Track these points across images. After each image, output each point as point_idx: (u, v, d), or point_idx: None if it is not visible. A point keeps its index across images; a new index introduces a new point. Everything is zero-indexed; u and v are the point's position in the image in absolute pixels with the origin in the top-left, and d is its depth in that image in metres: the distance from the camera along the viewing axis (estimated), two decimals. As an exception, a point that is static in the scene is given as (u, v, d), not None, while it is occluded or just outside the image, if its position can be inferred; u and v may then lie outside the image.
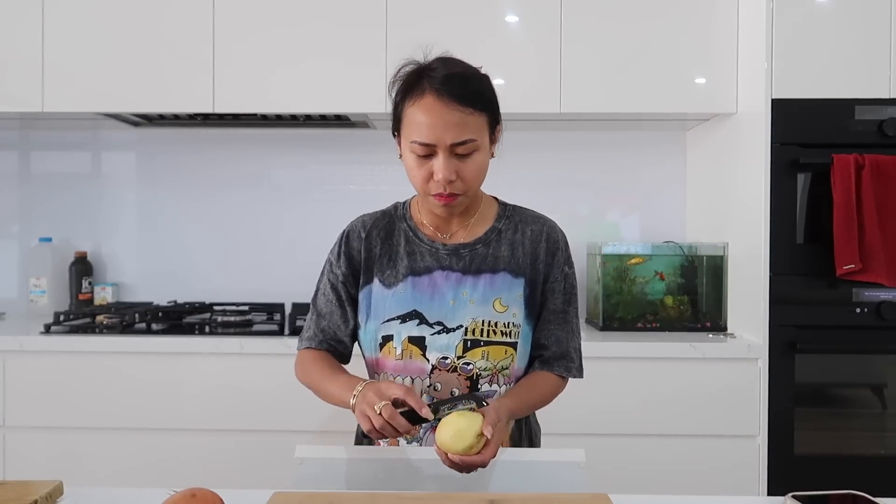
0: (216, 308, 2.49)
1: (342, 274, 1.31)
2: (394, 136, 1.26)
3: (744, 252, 2.23)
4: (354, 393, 1.15)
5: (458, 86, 1.16)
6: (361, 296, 1.30)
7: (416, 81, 1.19)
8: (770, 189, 2.08)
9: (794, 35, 2.08)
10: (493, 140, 1.25)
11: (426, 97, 1.16)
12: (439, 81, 1.16)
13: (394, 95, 1.23)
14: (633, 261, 2.39)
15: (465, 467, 1.05)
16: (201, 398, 2.12)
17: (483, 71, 1.26)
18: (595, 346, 2.12)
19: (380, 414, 1.06)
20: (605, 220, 2.76)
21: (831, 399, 2.17)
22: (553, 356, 1.30)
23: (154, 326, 2.29)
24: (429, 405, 1.08)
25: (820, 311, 2.08)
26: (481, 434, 1.03)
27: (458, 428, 1.03)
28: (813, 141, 2.08)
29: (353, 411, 1.14)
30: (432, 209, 1.26)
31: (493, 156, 1.26)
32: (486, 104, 1.20)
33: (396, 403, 1.08)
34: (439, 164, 1.17)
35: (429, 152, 1.18)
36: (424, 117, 1.16)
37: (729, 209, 2.36)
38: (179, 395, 2.13)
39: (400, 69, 1.23)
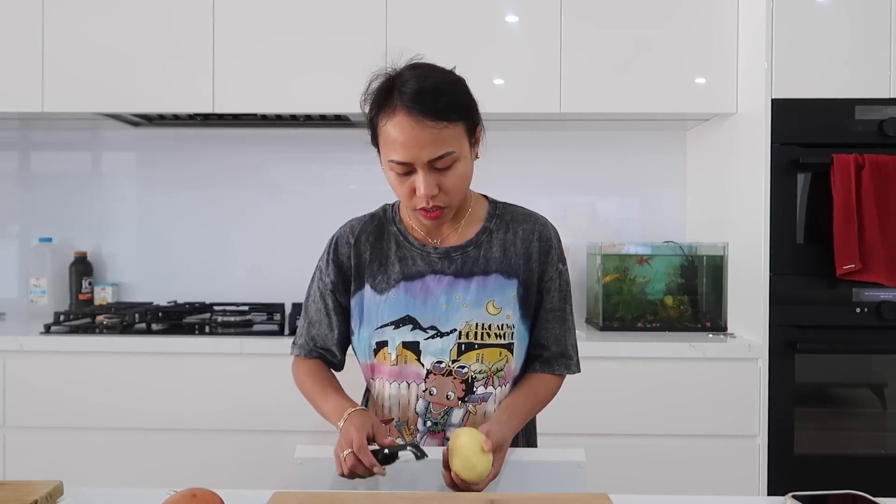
0: (216, 308, 2.49)
1: (331, 282, 1.31)
2: (373, 145, 1.23)
3: (744, 252, 2.23)
4: (339, 424, 1.17)
5: (429, 101, 1.12)
6: (353, 302, 1.30)
7: (387, 98, 1.15)
8: (770, 189, 2.08)
9: (794, 35, 2.08)
10: (474, 143, 1.22)
11: (398, 115, 1.13)
12: (410, 98, 1.12)
13: (367, 111, 1.20)
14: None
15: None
16: (201, 398, 2.12)
17: (458, 72, 1.22)
18: (595, 346, 2.12)
19: (345, 461, 1.09)
20: (605, 220, 2.76)
21: (831, 399, 2.17)
22: (553, 356, 1.30)
23: (154, 326, 2.29)
24: (378, 451, 1.10)
25: (820, 311, 2.08)
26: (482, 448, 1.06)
27: (470, 464, 1.05)
28: (813, 141, 2.08)
29: None
30: (421, 220, 1.26)
31: (477, 157, 1.24)
32: (462, 112, 1.17)
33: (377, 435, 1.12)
34: (420, 180, 1.15)
35: (408, 170, 1.16)
36: (399, 136, 1.13)
37: (729, 209, 2.36)
38: (179, 395, 2.12)
39: (370, 83, 1.20)
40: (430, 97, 1.13)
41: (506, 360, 1.25)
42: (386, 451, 1.09)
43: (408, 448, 1.09)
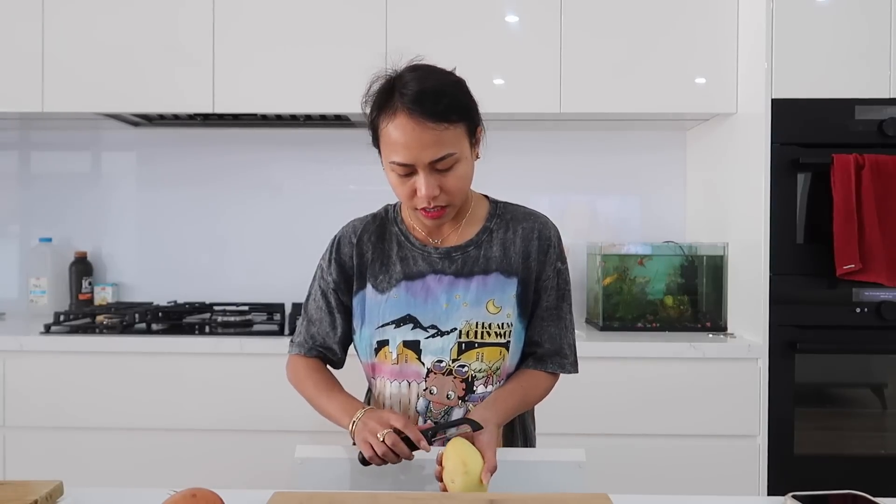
0: (216, 308, 2.49)
1: (333, 281, 1.31)
2: (374, 146, 1.24)
3: (744, 252, 2.23)
4: (354, 419, 1.17)
5: (430, 102, 1.12)
6: (355, 301, 1.30)
7: (388, 99, 1.16)
8: (770, 189, 2.08)
9: (794, 35, 2.08)
10: (474, 143, 1.22)
11: (399, 116, 1.13)
12: (410, 99, 1.13)
13: (368, 112, 1.21)
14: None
15: None
16: (201, 398, 2.12)
17: (458, 72, 1.22)
18: (595, 346, 2.12)
19: (383, 441, 1.09)
20: (605, 220, 2.76)
21: (831, 399, 2.17)
22: (547, 353, 1.30)
23: (154, 326, 2.29)
24: (426, 430, 1.12)
25: (820, 311, 2.08)
26: (481, 481, 1.06)
27: (467, 469, 1.05)
28: (813, 141, 2.08)
29: (352, 435, 1.16)
30: (422, 221, 1.26)
31: (477, 157, 1.25)
32: (462, 114, 1.17)
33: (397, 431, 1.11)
34: (421, 181, 1.16)
35: (409, 171, 1.16)
36: (400, 138, 1.14)
37: (729, 209, 2.36)
38: (179, 396, 2.12)
39: (370, 85, 1.20)
40: (431, 99, 1.13)
41: (503, 357, 1.26)
42: (432, 428, 1.12)
43: (459, 426, 1.12)
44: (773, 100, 2.08)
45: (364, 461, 1.13)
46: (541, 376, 1.30)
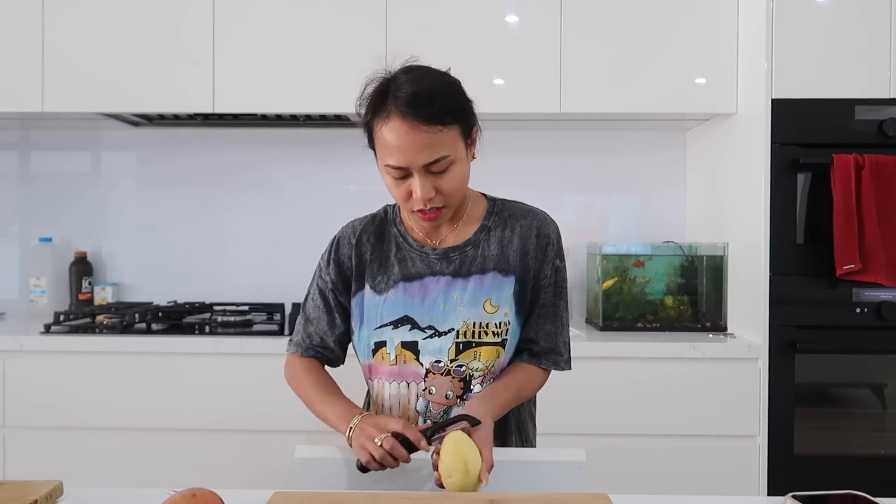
0: (216, 308, 2.49)
1: (331, 281, 1.31)
2: (370, 147, 1.23)
3: (744, 252, 2.23)
4: (351, 425, 1.16)
5: (424, 105, 1.12)
6: (354, 302, 1.30)
7: (382, 102, 1.15)
8: (770, 189, 2.08)
9: (794, 35, 2.08)
10: (470, 144, 1.22)
11: (392, 119, 1.13)
12: (404, 102, 1.12)
13: (362, 114, 1.20)
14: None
15: None
16: (201, 398, 2.12)
17: (457, 72, 1.22)
18: (595, 346, 2.12)
19: (381, 446, 1.08)
20: (604, 220, 2.76)
21: (831, 399, 2.17)
22: (542, 351, 1.30)
23: (154, 326, 2.29)
24: (425, 430, 1.12)
25: (820, 311, 2.08)
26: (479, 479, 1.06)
27: (467, 468, 1.05)
28: (813, 141, 2.08)
29: (349, 442, 1.15)
30: (419, 222, 1.26)
31: (474, 157, 1.24)
32: (457, 115, 1.16)
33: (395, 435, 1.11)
34: (416, 184, 1.15)
35: (404, 174, 1.16)
36: (394, 141, 1.13)
37: (729, 209, 2.36)
38: (179, 395, 2.13)
39: (365, 87, 1.20)
40: (425, 101, 1.13)
41: (498, 356, 1.26)
42: (430, 428, 1.12)
43: (457, 423, 1.11)
44: (773, 100, 2.08)
45: (363, 469, 1.12)
46: (535, 371, 1.30)
